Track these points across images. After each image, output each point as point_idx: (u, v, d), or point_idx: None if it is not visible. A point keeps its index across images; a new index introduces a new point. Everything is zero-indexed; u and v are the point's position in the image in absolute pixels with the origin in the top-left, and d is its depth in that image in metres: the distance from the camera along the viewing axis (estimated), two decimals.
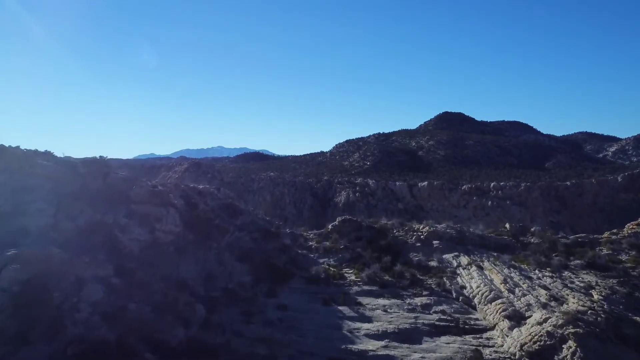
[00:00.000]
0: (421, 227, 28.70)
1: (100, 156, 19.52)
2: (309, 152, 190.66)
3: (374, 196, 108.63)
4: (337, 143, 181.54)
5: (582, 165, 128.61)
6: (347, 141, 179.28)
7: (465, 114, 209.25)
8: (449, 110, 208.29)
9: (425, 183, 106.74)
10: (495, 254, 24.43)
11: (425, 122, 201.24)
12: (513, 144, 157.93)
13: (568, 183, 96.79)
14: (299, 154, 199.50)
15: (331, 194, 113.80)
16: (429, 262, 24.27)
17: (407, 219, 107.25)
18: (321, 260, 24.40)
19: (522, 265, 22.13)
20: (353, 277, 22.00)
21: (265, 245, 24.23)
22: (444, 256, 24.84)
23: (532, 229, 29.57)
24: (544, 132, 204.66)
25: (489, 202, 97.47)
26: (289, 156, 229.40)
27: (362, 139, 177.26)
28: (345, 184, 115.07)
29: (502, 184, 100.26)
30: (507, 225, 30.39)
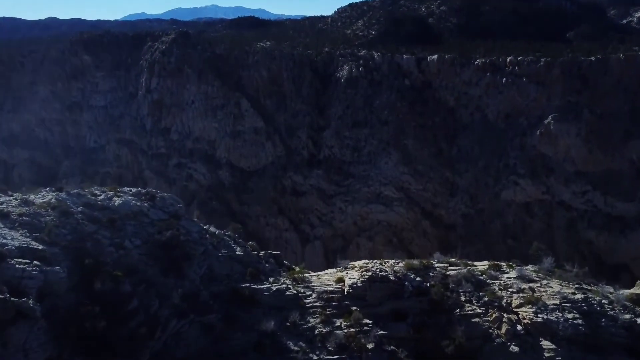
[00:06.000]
0: (514, 300, 16.01)
1: None
2: (308, 15, 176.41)
3: (378, 71, 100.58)
4: (339, 7, 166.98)
5: (607, 36, 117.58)
6: (350, 5, 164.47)
7: None
8: None
9: (435, 57, 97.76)
10: None
11: None
12: (533, 11, 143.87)
13: (592, 59, 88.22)
14: (297, 16, 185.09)
15: (332, 68, 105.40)
16: None
17: (414, 97, 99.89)
18: None
19: None
20: None
21: (230, 337, 14.03)
22: None
23: None
24: None
25: (504, 80, 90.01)
26: (286, 20, 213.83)
27: (366, 2, 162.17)
28: (347, 57, 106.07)
29: (519, 58, 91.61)
30: None
